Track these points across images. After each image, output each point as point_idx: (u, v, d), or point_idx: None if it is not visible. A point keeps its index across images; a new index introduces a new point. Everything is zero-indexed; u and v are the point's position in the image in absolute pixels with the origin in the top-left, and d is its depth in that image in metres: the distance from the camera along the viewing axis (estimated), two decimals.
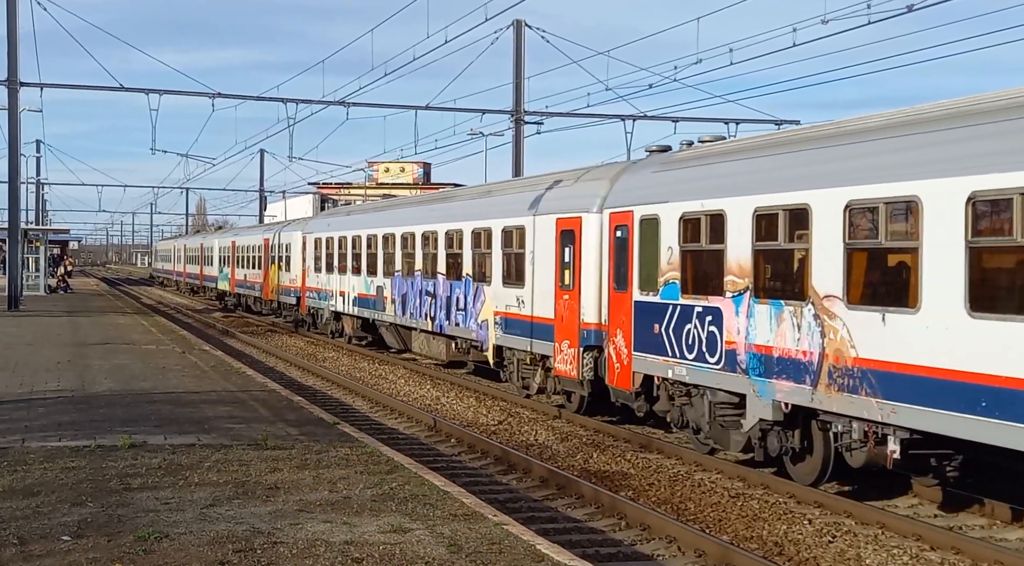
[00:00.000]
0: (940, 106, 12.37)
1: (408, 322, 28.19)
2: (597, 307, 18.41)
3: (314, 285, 38.53)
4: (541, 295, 20.26)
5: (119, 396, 19.29)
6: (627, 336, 17.28)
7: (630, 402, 17.62)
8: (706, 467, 15.64)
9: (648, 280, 16.72)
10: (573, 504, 13.61)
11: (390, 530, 10.09)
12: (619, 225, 17.64)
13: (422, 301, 26.91)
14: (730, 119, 45.93)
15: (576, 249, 18.94)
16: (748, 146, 15.54)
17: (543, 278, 20.16)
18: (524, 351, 21.25)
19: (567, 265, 19.24)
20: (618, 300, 17.66)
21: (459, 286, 24.49)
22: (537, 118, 46.25)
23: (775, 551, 11.45)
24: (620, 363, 17.54)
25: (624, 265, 17.41)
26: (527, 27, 43.57)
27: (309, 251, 39.35)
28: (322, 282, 37.23)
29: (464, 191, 27.31)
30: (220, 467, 12.96)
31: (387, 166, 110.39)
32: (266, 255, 48.63)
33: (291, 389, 22.58)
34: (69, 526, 10.07)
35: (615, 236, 17.75)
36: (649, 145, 18.98)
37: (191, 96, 45.40)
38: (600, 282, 18.38)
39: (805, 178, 13.41)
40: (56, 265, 71.25)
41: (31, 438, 14.81)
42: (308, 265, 39.41)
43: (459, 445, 17.82)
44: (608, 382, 18.07)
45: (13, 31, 43.18)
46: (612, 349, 17.82)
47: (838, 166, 12.94)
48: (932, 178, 11.44)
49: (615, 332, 17.70)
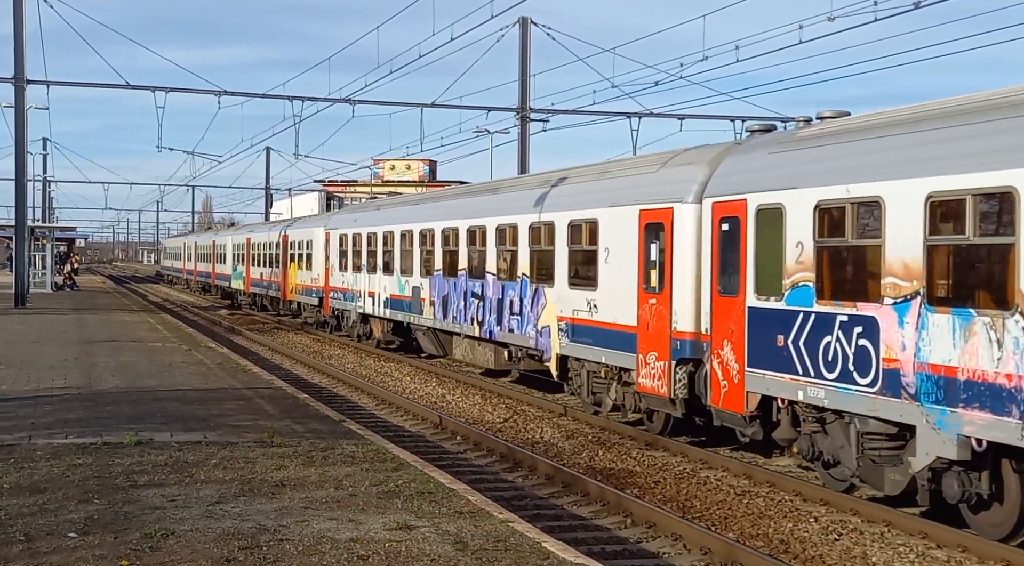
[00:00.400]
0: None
1: (449, 326, 25.75)
2: (694, 314, 15.90)
3: (339, 285, 35.94)
4: (619, 299, 17.74)
5: (125, 393, 19.31)
6: (738, 349, 14.60)
7: (740, 427, 15.00)
8: (712, 465, 15.63)
9: (768, 283, 14.01)
10: (579, 502, 13.62)
11: (396, 527, 10.09)
12: (726, 217, 15.00)
13: (467, 304, 24.50)
14: (736, 116, 45.92)
15: (666, 245, 16.48)
16: (916, 116, 12.50)
17: (622, 279, 17.73)
18: (596, 363, 18.69)
19: (653, 264, 16.83)
20: (724, 306, 14.98)
21: (513, 287, 22.00)
22: (543, 115, 46.33)
23: (781, 549, 11.45)
24: (728, 381, 14.82)
25: (733, 265, 14.78)
26: (533, 24, 43.59)
27: (333, 248, 36.75)
28: (348, 282, 34.71)
29: (517, 181, 24.45)
30: (226, 464, 12.97)
31: (393, 164, 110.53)
32: (284, 253, 46.07)
33: (297, 386, 22.60)
34: (76, 523, 10.09)
35: (719, 230, 15.15)
36: (750, 124, 16.63)
37: (197, 94, 45.40)
38: (697, 284, 15.88)
39: (1010, 152, 10.67)
40: (62, 263, 71.35)
41: (38, 435, 14.84)
42: (332, 263, 36.76)
43: (465, 443, 17.83)
44: (710, 403, 15.35)
45: (20, 29, 43.24)
46: (716, 364, 15.10)
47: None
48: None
49: (720, 344, 15.01)
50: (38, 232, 62.20)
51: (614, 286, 17.98)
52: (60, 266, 69.91)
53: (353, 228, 34.49)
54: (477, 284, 24.01)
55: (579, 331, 19.12)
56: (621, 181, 18.51)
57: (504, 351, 23.09)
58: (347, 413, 19.30)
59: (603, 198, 18.62)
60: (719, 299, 15.19)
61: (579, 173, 20.78)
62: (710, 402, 15.41)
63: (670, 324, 16.31)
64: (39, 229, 64.21)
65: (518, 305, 21.71)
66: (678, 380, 16.15)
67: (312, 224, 42.52)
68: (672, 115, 46.38)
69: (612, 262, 18.08)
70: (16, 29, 43.33)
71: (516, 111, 45.10)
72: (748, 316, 14.40)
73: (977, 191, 10.95)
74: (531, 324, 21.08)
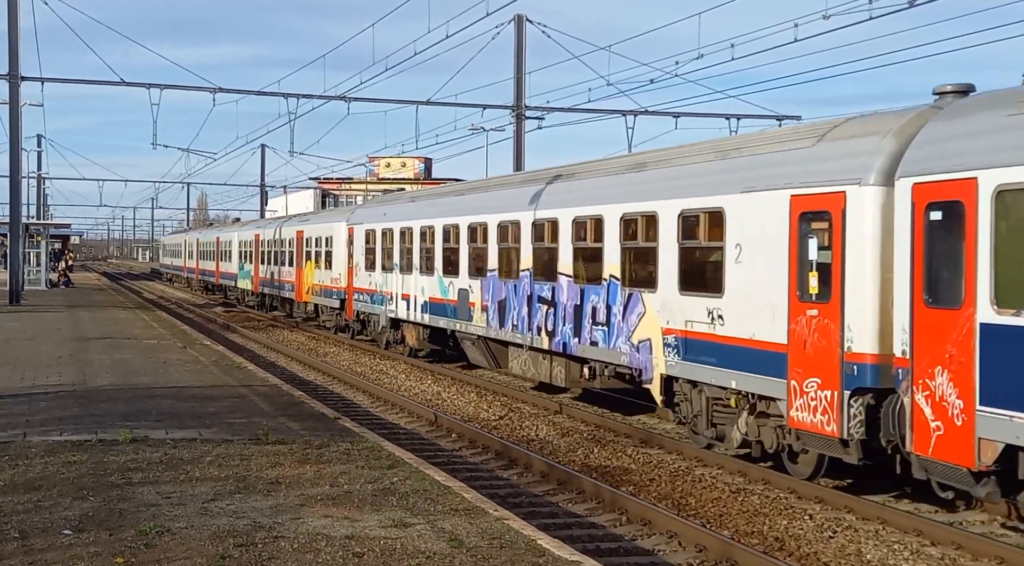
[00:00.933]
0: None
1: (508, 336, 22.12)
2: (878, 330, 12.40)
3: (365, 286, 32.35)
4: (757, 309, 14.10)
5: (120, 390, 19.30)
6: (961, 379, 10.99)
7: (964, 485, 11.33)
8: (707, 463, 15.64)
9: (1016, 291, 10.60)
10: (574, 499, 13.63)
11: (391, 525, 10.10)
12: (937, 203, 11.46)
13: (533, 310, 20.83)
14: (731, 114, 46.02)
15: (835, 241, 12.91)
16: None
17: (760, 284, 14.03)
18: (720, 387, 15.08)
19: (811, 265, 13.24)
20: (936, 321, 11.40)
21: (597, 292, 18.28)
22: (538, 113, 46.35)
23: (776, 546, 11.46)
24: (943, 422, 11.24)
25: (952, 266, 11.26)
26: (528, 22, 43.60)
27: (358, 245, 33.06)
28: (376, 282, 31.10)
29: (599, 165, 20.11)
30: (221, 462, 12.97)
31: (388, 161, 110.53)
32: (299, 250, 42.47)
33: (292, 384, 22.60)
34: (70, 520, 10.09)
35: (925, 220, 11.59)
36: (940, 86, 12.87)
37: (192, 91, 45.39)
38: (885, 292, 12.36)
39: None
40: (57, 260, 71.28)
41: (32, 432, 14.82)
42: (357, 262, 33.12)
43: (460, 440, 17.84)
44: (912, 450, 11.74)
45: (14, 26, 43.18)
46: (922, 398, 11.55)
47: None
48: None
49: (928, 372, 11.44)
50: (33, 229, 62.10)
51: (749, 292, 14.31)
52: (55, 263, 69.84)
53: (382, 223, 30.87)
54: (546, 287, 20.34)
55: (695, 347, 15.50)
56: (758, 160, 14.69)
57: (582, 367, 19.45)
58: (342, 411, 19.30)
59: (730, 181, 14.91)
60: (926, 312, 11.55)
61: (687, 153, 16.92)
62: (912, 449, 11.74)
63: (840, 343, 12.72)
64: (34, 226, 64.11)
65: (604, 313, 18.07)
66: (853, 416, 12.59)
67: (332, 219, 39.14)
68: (667, 113, 46.52)
69: (746, 262, 14.38)
70: (11, 25, 43.28)
71: (511, 109, 45.09)
72: (980, 335, 10.82)
73: None
74: (622, 337, 17.45)
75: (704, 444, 15.80)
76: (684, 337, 15.79)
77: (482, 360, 24.46)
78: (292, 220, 48.05)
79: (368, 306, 32.26)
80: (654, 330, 16.54)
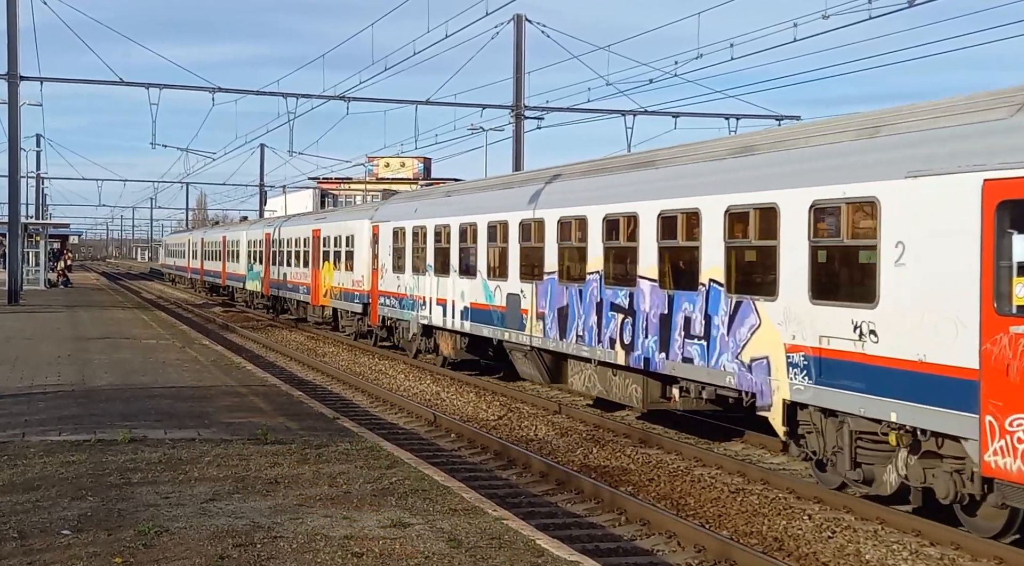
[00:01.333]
0: None
1: (571, 348, 19.26)
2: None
3: (392, 289, 29.44)
4: (930, 322, 11.35)
5: (119, 390, 19.29)
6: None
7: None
8: (706, 463, 15.64)
9: None
10: (573, 499, 13.62)
11: (390, 525, 10.09)
12: None
13: (603, 319, 18.03)
14: (731, 114, 46.05)
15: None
16: None
17: (937, 291, 11.28)
18: (872, 420, 12.35)
19: (1018, 268, 10.61)
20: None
21: (692, 299, 15.56)
22: (537, 113, 46.35)
23: (775, 546, 11.46)
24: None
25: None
26: (527, 22, 43.59)
27: (384, 245, 30.19)
28: (406, 285, 28.25)
29: (689, 150, 17.08)
30: (220, 462, 12.96)
31: (387, 161, 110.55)
32: (315, 250, 39.66)
33: (291, 384, 22.59)
34: (69, 520, 10.08)
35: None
36: None
37: (191, 90, 45.39)
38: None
39: None
40: (56, 259, 71.28)
41: (31, 432, 14.81)
42: (383, 263, 30.22)
43: (459, 440, 17.83)
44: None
45: (13, 25, 43.18)
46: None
47: None
48: None
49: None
50: (31, 229, 62.11)
51: (916, 302, 11.55)
52: (54, 263, 69.84)
53: (413, 220, 27.98)
54: (621, 293, 17.50)
55: (834, 369, 12.69)
56: (927, 136, 11.91)
57: (667, 387, 17.10)
58: (341, 410, 19.30)
59: (886, 164, 12.16)
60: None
61: (808, 133, 14.35)
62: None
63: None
64: (32, 226, 64.11)
65: (701, 324, 15.38)
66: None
67: (354, 216, 35.98)
68: (666, 113, 46.54)
69: (911, 264, 11.64)
70: (10, 25, 43.28)
71: (511, 108, 45.08)
72: None
73: None
74: (727, 353, 14.76)
75: (836, 484, 13.41)
76: (817, 356, 12.96)
77: (535, 374, 21.59)
78: (307, 218, 44.86)
79: (396, 311, 29.24)
80: (773, 346, 13.78)
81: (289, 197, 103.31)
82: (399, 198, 32.76)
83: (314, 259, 39.86)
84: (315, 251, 39.77)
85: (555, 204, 20.14)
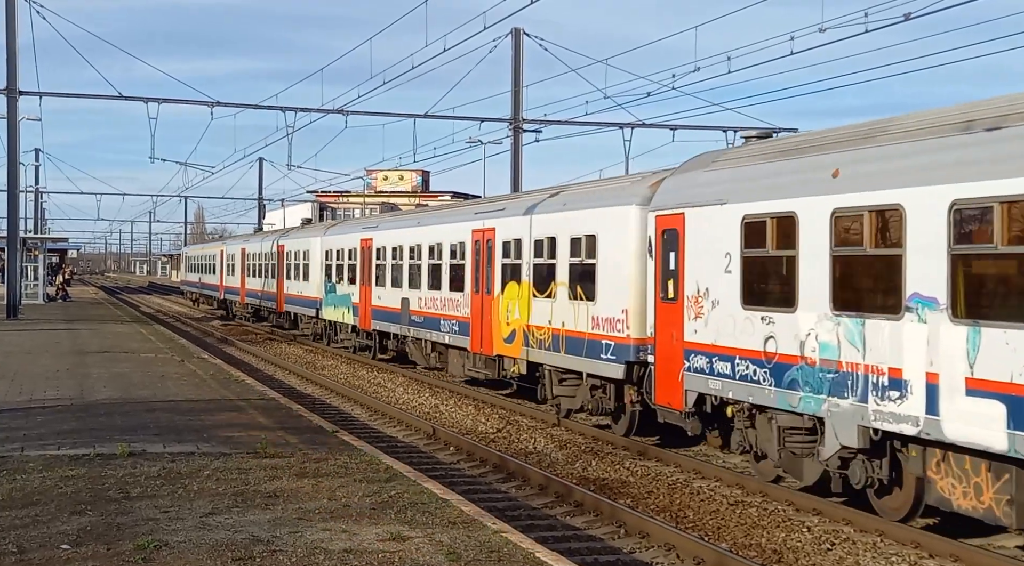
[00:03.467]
0: None
1: None
2: None
3: (728, 343, 14.54)
4: None
5: (118, 404, 19.28)
6: None
7: None
8: (705, 475, 15.63)
9: None
10: (572, 512, 13.62)
11: (389, 538, 10.09)
12: None
13: None
14: (728, 127, 46.11)
15: None
16: None
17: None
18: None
19: None
20: None
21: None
22: (535, 126, 46.44)
23: (774, 558, 11.46)
24: None
25: None
26: (525, 35, 43.72)
27: (710, 263, 15.04)
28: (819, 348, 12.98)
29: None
30: (219, 475, 12.96)
31: (386, 174, 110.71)
32: (480, 262, 23.59)
33: (290, 397, 22.58)
34: (68, 534, 10.08)
35: None
36: None
37: (190, 105, 45.49)
38: None
39: None
40: (55, 274, 71.29)
41: (30, 447, 14.81)
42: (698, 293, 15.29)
43: (458, 453, 17.83)
44: None
45: (12, 40, 43.27)
46: None
47: None
48: None
49: None
50: (30, 243, 62.14)
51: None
52: (52, 277, 69.85)
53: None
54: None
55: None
56: None
57: None
58: (340, 424, 19.29)
59: None
60: None
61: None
62: None
63: None
64: (31, 240, 64.15)
65: None
66: None
67: (608, 200, 18.69)
68: (664, 125, 46.64)
69: None
70: (9, 40, 43.37)
71: (509, 122, 45.18)
72: None
73: None
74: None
75: None
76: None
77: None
78: (457, 214, 26.53)
79: (743, 387, 14.19)
80: None
81: (288, 210, 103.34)
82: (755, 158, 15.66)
83: (482, 276, 23.51)
84: (481, 263, 23.60)
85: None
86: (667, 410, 16.17)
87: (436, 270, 26.57)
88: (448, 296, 25.62)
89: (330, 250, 36.91)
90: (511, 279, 21.91)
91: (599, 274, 18.37)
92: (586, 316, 18.70)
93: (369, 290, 32.11)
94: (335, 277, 36.01)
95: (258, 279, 49.46)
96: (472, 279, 24.14)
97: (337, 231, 37.26)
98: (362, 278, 32.97)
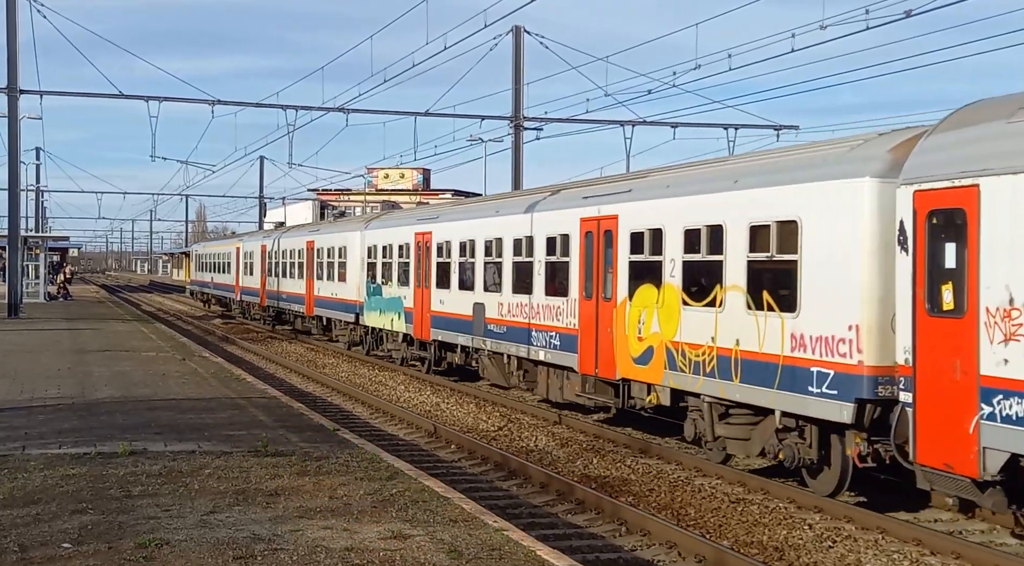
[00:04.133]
0: None
1: None
2: None
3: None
4: None
5: (119, 403, 19.28)
6: None
7: None
8: (706, 473, 15.63)
9: None
10: (573, 510, 13.62)
11: (390, 536, 10.09)
12: None
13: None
14: (729, 124, 46.16)
15: None
16: None
17: None
18: None
19: None
20: None
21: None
22: (536, 124, 46.42)
23: (775, 556, 11.46)
24: None
25: None
26: (526, 33, 43.69)
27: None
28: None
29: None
30: (220, 474, 12.95)
31: (387, 172, 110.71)
32: (597, 257, 18.97)
33: (291, 395, 22.57)
34: (70, 533, 10.08)
35: None
36: None
37: (191, 103, 45.49)
38: None
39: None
40: (56, 272, 71.31)
41: (31, 445, 14.81)
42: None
43: (459, 451, 17.82)
44: None
45: (13, 39, 43.26)
46: None
47: None
48: None
49: None
50: (31, 242, 62.15)
51: None
52: (53, 276, 69.86)
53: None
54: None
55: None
56: None
57: None
58: (341, 422, 19.29)
59: None
60: None
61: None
62: None
63: None
64: (32, 239, 64.15)
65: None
66: None
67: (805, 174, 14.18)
68: (665, 123, 46.62)
69: None
70: (9, 39, 43.36)
71: (510, 119, 45.16)
72: None
73: None
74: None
75: None
76: None
77: None
78: (555, 201, 21.39)
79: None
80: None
81: (289, 209, 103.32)
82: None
83: (596, 280, 19.08)
84: (598, 263, 19.10)
85: None
86: (942, 475, 11.27)
87: (524, 269, 21.80)
88: (543, 302, 20.89)
89: (374, 246, 31.84)
90: (644, 281, 17.21)
91: (803, 275, 13.60)
92: (779, 333, 13.97)
93: (428, 293, 27.07)
94: (380, 277, 30.93)
95: (285, 279, 44.08)
96: (581, 280, 19.44)
97: (382, 224, 32.10)
98: (418, 279, 27.89)
